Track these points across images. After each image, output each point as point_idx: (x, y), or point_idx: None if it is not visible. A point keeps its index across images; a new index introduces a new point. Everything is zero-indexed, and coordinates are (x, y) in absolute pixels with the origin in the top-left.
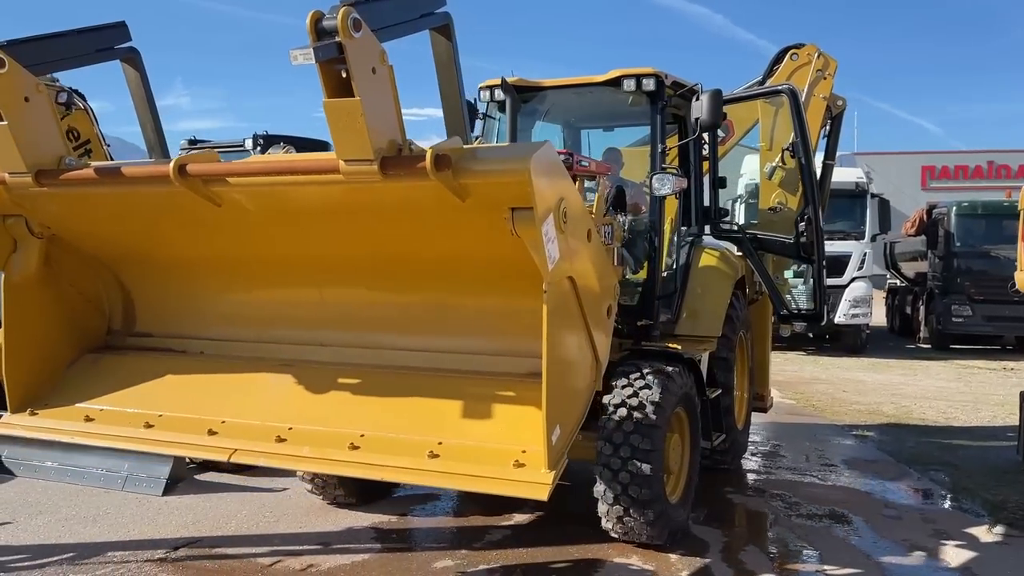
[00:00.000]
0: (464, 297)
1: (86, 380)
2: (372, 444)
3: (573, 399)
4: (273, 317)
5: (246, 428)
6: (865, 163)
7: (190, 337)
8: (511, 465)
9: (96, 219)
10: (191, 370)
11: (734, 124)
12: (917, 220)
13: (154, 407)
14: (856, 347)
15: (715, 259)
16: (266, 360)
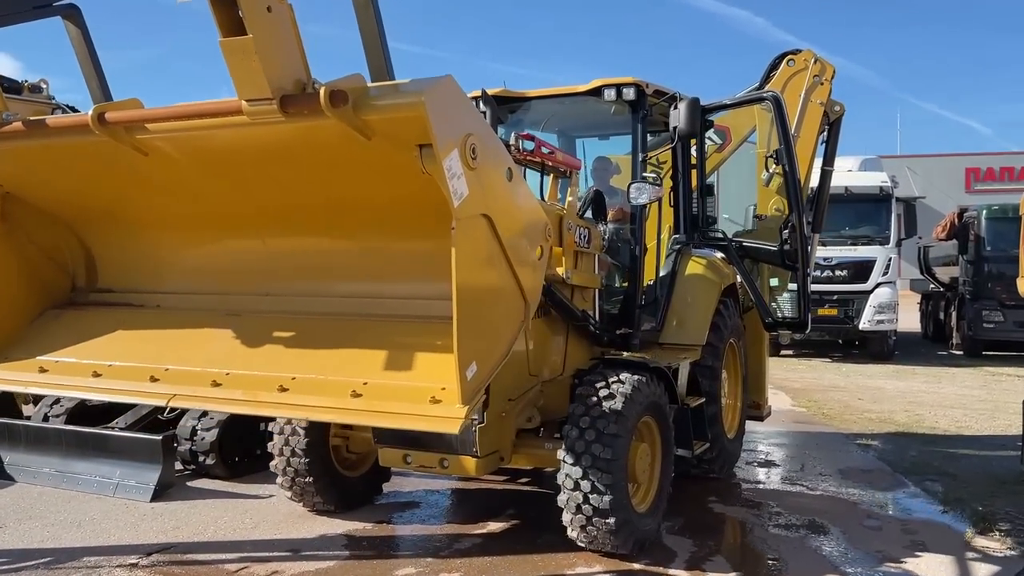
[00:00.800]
0: (389, 241)
1: (47, 334)
2: (300, 386)
3: (492, 337)
4: (223, 269)
5: (186, 375)
6: (907, 166)
7: (148, 292)
8: (428, 402)
9: (40, 175)
10: (145, 323)
11: (731, 131)
12: (948, 224)
13: (105, 358)
14: (882, 354)
15: (702, 267)
16: (215, 311)
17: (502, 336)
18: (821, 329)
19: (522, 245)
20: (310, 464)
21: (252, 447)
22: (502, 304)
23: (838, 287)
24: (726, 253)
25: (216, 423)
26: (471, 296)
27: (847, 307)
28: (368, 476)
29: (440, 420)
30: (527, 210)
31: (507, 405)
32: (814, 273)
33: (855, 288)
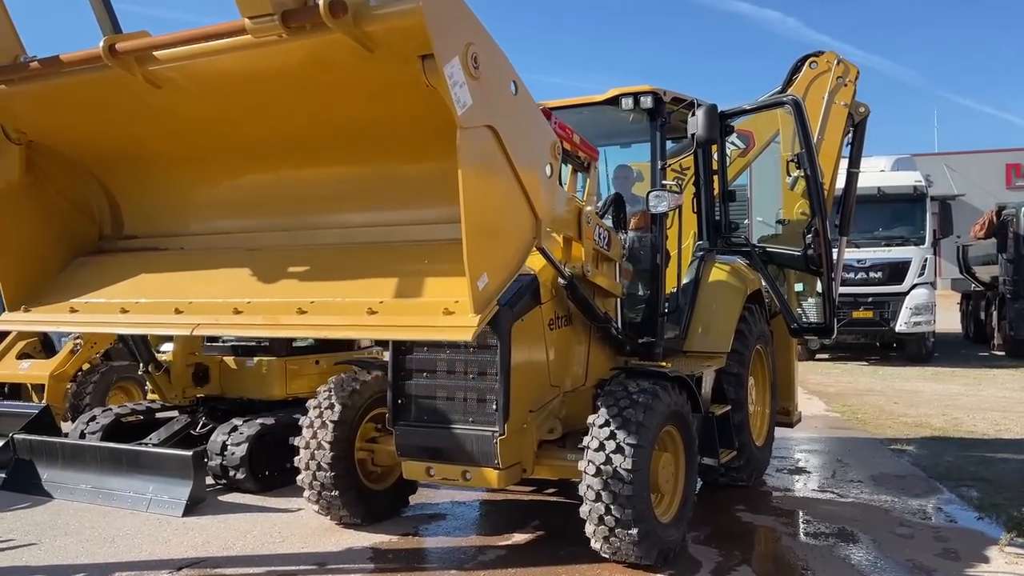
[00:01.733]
0: (399, 165)
1: (76, 280)
2: (318, 308)
3: (503, 249)
4: (240, 204)
5: (209, 306)
6: (944, 163)
7: (170, 235)
8: (441, 313)
9: (60, 118)
10: (169, 264)
11: (754, 135)
12: (986, 222)
13: (132, 297)
14: (921, 356)
15: (725, 273)
16: (234, 249)
17: (512, 249)
18: (856, 332)
19: (530, 159)
20: (336, 478)
21: (281, 461)
22: (511, 217)
23: (873, 289)
24: (750, 259)
25: (246, 438)
26: (479, 207)
27: (883, 309)
28: (394, 489)
29: (454, 329)
30: (534, 124)
31: (528, 416)
32: (847, 275)
33: (890, 290)
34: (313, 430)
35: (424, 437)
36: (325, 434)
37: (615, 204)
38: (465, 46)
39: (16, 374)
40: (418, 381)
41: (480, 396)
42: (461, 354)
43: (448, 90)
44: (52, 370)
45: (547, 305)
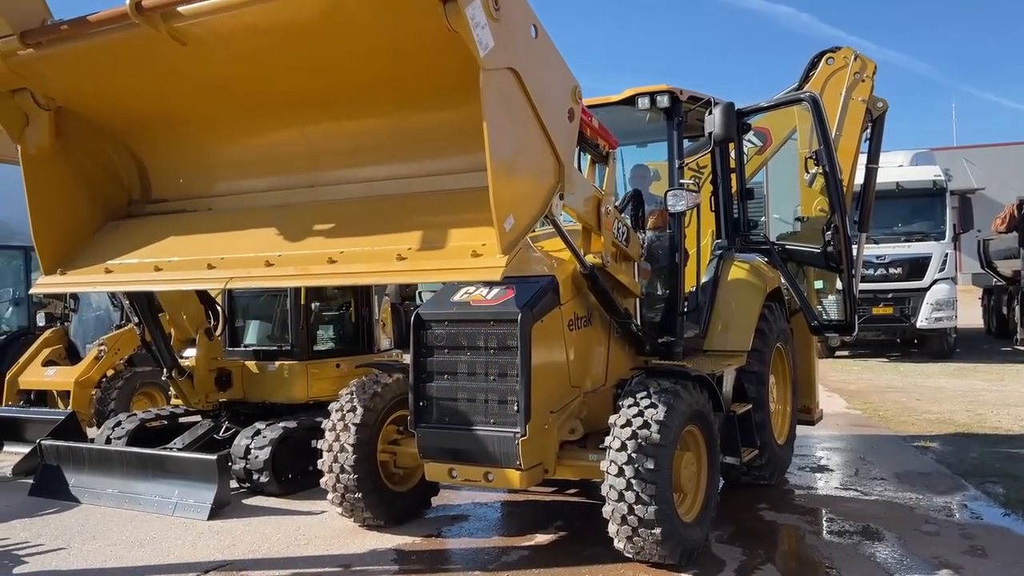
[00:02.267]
0: (422, 115)
1: (108, 243)
2: (348, 258)
3: (528, 192)
4: (266, 162)
5: (240, 260)
6: (964, 157)
7: (198, 197)
8: (469, 256)
9: (88, 82)
10: (199, 225)
11: (771, 132)
12: (1007, 216)
13: (164, 256)
14: (942, 352)
15: (744, 271)
16: (263, 207)
17: (537, 192)
18: (877, 329)
19: (551, 102)
20: (359, 480)
21: (304, 464)
22: (535, 160)
23: (893, 285)
24: (769, 257)
25: (269, 441)
26: (503, 149)
27: (903, 305)
28: (417, 491)
29: (482, 270)
30: (555, 69)
31: (550, 417)
32: (866, 272)
33: (911, 286)
34: (336, 433)
35: (446, 439)
36: (348, 437)
37: (634, 201)
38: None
39: (42, 381)
40: (439, 383)
41: (501, 397)
42: (482, 355)
43: (470, 32)
44: (77, 377)
45: (567, 306)
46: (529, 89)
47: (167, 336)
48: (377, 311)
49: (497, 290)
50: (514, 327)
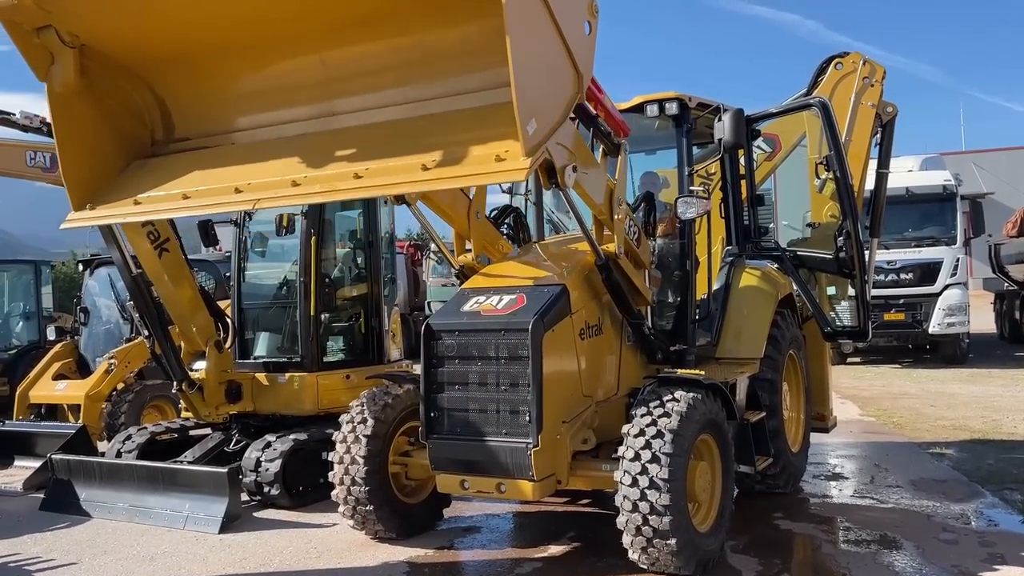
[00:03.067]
0: (441, 33)
1: (135, 179)
2: (373, 173)
3: (550, 99)
4: (286, 90)
5: (266, 184)
6: (973, 162)
7: (220, 133)
8: (493, 161)
9: (110, 16)
10: (223, 158)
11: (781, 138)
12: (1018, 220)
13: (191, 186)
14: (955, 357)
15: (756, 278)
16: (285, 136)
17: (557, 100)
18: (889, 334)
19: (569, 13)
20: (370, 492)
21: (315, 477)
22: (555, 68)
23: (904, 291)
24: (780, 263)
25: (279, 454)
26: (525, 58)
27: (915, 311)
28: (428, 503)
29: (506, 173)
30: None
31: (562, 427)
32: (878, 277)
33: (922, 291)
34: (346, 445)
35: (458, 450)
36: (358, 449)
37: (646, 204)
38: None
39: (52, 395)
40: (450, 394)
41: (513, 408)
42: (493, 365)
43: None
44: (88, 390)
45: (578, 315)
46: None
47: (177, 348)
48: (387, 321)
49: (508, 299)
50: (525, 336)
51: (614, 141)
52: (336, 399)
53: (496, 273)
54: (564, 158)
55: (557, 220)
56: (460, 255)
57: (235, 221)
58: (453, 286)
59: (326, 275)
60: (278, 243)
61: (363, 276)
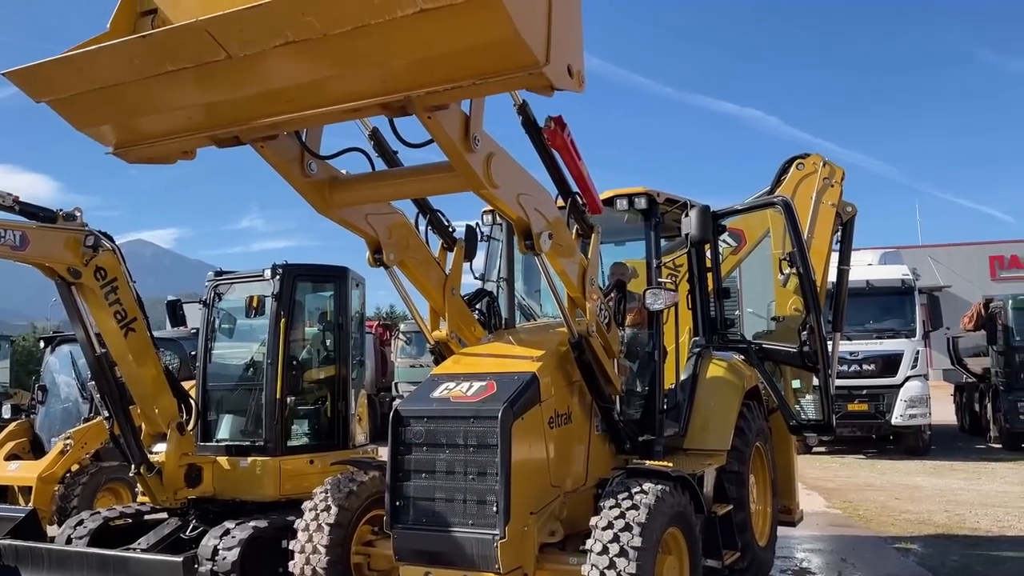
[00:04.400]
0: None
1: None
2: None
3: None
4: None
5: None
6: (929, 256)
7: None
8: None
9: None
10: None
11: (746, 233)
12: (975, 314)
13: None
14: (918, 449)
15: (723, 370)
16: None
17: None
18: (853, 425)
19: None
20: None
21: (275, 566)
22: None
23: (867, 381)
24: (746, 355)
25: (238, 542)
26: None
27: (877, 402)
28: None
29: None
30: None
31: (530, 519)
32: (841, 368)
33: (884, 382)
34: (308, 533)
35: (423, 541)
36: (321, 537)
37: (617, 291)
38: None
39: (3, 476)
40: (417, 482)
41: (480, 498)
42: (461, 453)
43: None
44: (40, 472)
45: (547, 403)
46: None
47: (137, 430)
48: (354, 405)
49: (478, 386)
50: (494, 424)
51: (588, 221)
52: (299, 485)
53: (467, 359)
54: (541, 225)
55: (528, 306)
56: (435, 331)
57: (204, 301)
58: (422, 367)
59: (294, 357)
60: (246, 322)
61: (331, 358)
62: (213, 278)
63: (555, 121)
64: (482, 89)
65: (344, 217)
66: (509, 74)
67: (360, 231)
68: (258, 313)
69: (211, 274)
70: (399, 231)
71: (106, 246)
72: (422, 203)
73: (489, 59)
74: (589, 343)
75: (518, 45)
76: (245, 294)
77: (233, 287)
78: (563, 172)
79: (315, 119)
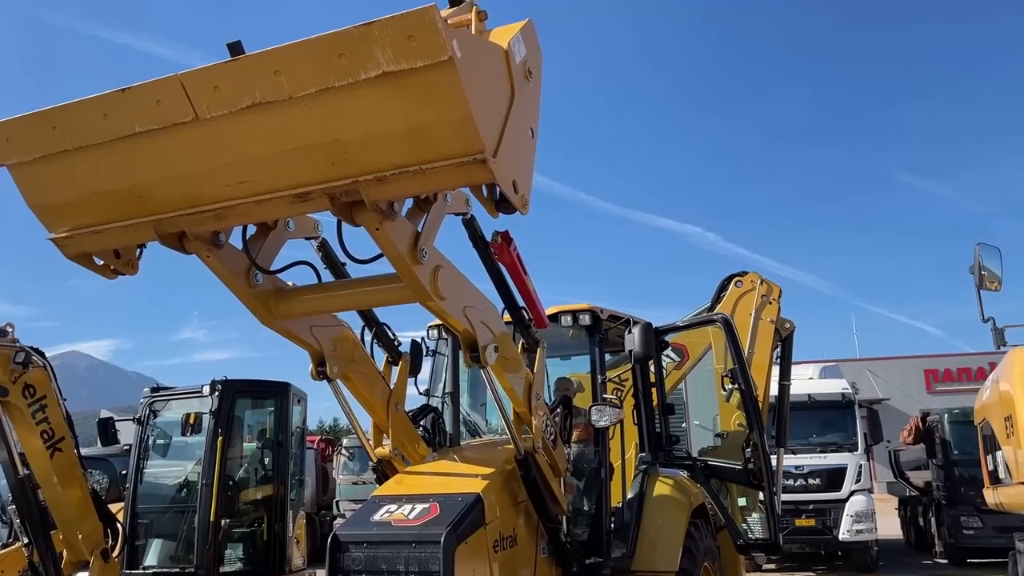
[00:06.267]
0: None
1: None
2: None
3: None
4: None
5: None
6: (867, 369)
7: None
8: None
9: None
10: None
11: (688, 348)
12: (913, 428)
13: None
14: (866, 566)
15: (669, 487)
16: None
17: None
18: (801, 541)
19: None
20: None
21: None
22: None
23: (813, 496)
24: (692, 472)
25: None
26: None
27: (824, 517)
28: None
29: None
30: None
31: None
32: (787, 482)
33: (830, 496)
34: None
35: None
36: None
37: (563, 407)
38: None
39: None
40: None
41: None
42: None
43: None
44: None
45: (492, 526)
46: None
47: (58, 557)
48: (291, 526)
49: (420, 508)
50: (436, 549)
51: (533, 336)
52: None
53: (410, 479)
54: (488, 338)
55: (473, 421)
56: (378, 447)
57: (138, 419)
58: (364, 484)
59: (230, 476)
60: (182, 440)
61: (269, 477)
62: (149, 394)
63: (502, 236)
64: (428, 178)
65: (289, 329)
66: (456, 159)
67: (304, 343)
68: (195, 431)
69: (147, 390)
70: (344, 344)
71: (37, 362)
72: (368, 316)
73: (439, 140)
74: (535, 460)
75: (468, 126)
76: (182, 410)
77: (170, 404)
78: (509, 286)
79: (263, 209)
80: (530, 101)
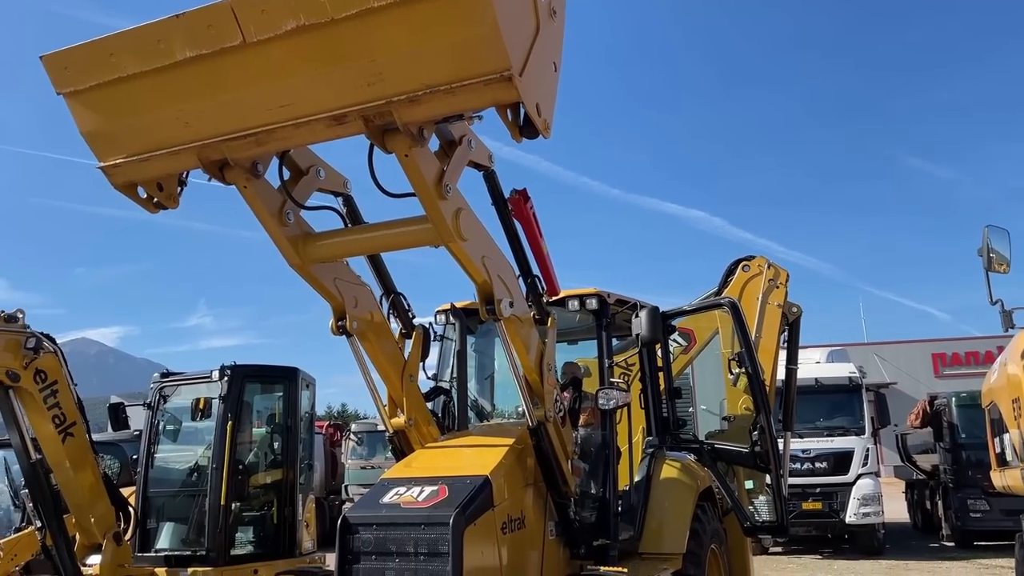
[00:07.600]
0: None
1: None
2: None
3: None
4: None
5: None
6: (874, 353)
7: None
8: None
9: None
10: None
11: (695, 333)
12: (921, 412)
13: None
14: (872, 548)
15: (676, 471)
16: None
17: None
18: (808, 524)
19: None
20: None
21: None
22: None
23: (820, 479)
24: (699, 455)
25: None
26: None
27: (831, 500)
28: None
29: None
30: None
31: None
32: (794, 466)
33: (837, 480)
34: None
35: None
36: None
37: (573, 388)
38: None
39: None
40: None
41: None
42: (411, 562)
43: None
44: None
45: (500, 508)
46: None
47: (71, 540)
48: (301, 510)
49: (429, 491)
50: (446, 531)
51: (545, 308)
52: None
53: (418, 461)
54: (503, 291)
55: (481, 405)
56: (392, 418)
57: (148, 403)
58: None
59: (240, 460)
60: (192, 425)
61: (279, 461)
62: (159, 380)
63: (520, 193)
64: (457, 97)
65: (315, 275)
66: (484, 76)
67: (328, 293)
68: (204, 416)
69: (157, 376)
70: (365, 302)
71: (48, 348)
72: (387, 284)
73: (469, 58)
74: (547, 430)
75: (497, 42)
76: (192, 396)
77: (179, 389)
78: (525, 252)
79: (302, 133)
80: (554, 37)
